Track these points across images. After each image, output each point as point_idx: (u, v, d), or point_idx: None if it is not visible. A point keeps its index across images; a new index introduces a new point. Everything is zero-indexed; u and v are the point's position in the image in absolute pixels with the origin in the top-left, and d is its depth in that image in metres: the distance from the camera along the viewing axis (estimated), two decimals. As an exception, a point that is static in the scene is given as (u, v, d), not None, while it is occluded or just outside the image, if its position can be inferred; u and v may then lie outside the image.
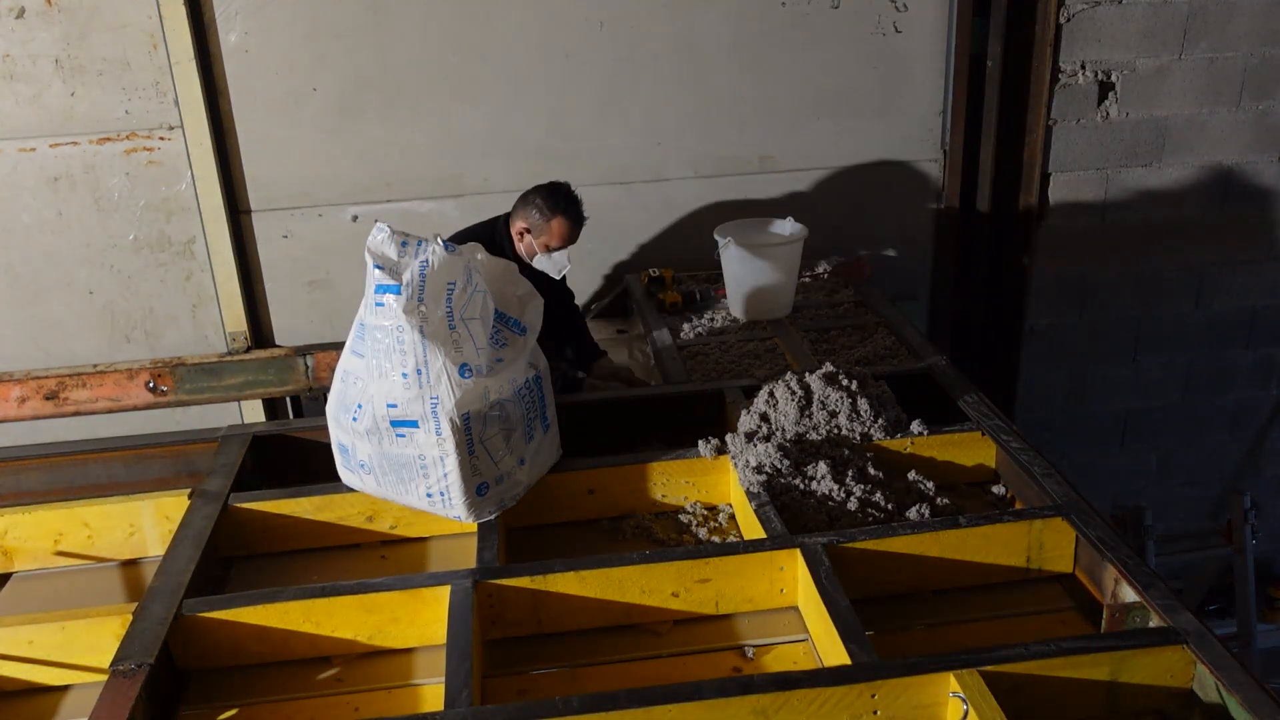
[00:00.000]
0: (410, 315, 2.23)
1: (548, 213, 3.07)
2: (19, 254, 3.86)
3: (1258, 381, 4.68)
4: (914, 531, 2.26)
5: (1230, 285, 4.46)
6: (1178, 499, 4.86)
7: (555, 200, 3.07)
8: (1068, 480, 2.43)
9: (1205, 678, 1.89)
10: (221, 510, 2.49)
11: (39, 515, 2.55)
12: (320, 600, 2.15)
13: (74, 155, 3.76)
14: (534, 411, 2.47)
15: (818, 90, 4.02)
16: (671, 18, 3.86)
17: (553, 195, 3.08)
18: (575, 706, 1.82)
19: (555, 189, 3.10)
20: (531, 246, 3.11)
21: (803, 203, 4.08)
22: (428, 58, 3.81)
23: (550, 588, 2.19)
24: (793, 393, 2.71)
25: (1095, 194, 4.23)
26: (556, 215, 3.06)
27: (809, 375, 2.75)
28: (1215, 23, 4.01)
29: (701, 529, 2.55)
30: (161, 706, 2.03)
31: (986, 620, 2.24)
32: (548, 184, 3.13)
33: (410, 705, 2.08)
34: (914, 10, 3.95)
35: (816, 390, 2.71)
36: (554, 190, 3.10)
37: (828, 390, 2.71)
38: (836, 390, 2.71)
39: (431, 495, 2.38)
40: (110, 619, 2.13)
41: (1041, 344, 4.46)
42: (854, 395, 2.70)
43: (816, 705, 1.83)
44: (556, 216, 3.06)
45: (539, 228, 3.08)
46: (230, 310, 3.99)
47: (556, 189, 3.10)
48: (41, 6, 3.57)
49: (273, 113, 3.80)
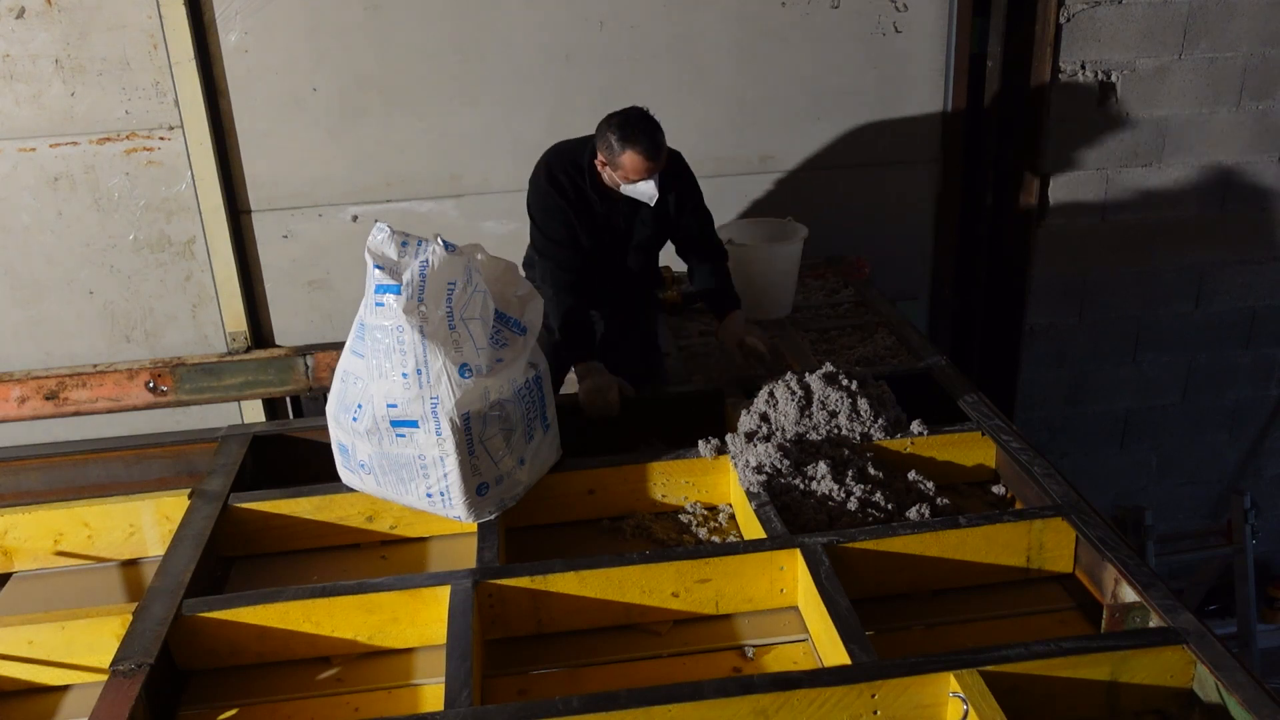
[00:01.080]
0: (410, 315, 2.23)
1: (617, 147, 2.81)
2: (19, 254, 3.86)
3: (1258, 381, 4.68)
4: (914, 531, 2.26)
5: (1230, 285, 4.46)
6: (1178, 499, 4.86)
7: (625, 132, 2.80)
8: (1068, 480, 2.43)
9: (1205, 678, 1.89)
10: (221, 510, 2.49)
11: (39, 515, 2.55)
12: (320, 600, 2.15)
13: (74, 155, 3.76)
14: (534, 411, 2.47)
15: (818, 90, 4.02)
16: (671, 18, 3.86)
17: (624, 126, 2.81)
18: (575, 706, 1.82)
19: (626, 119, 2.83)
20: (613, 177, 2.90)
21: (803, 203, 4.07)
22: (428, 58, 3.80)
23: (550, 588, 2.19)
24: (793, 393, 2.71)
25: (1095, 194, 4.23)
26: (627, 149, 2.80)
27: (809, 375, 2.75)
28: (1215, 23, 4.01)
29: (701, 529, 2.55)
30: (161, 706, 2.03)
31: (986, 620, 2.24)
32: (621, 112, 2.86)
33: (410, 705, 2.08)
34: (914, 10, 3.95)
35: (816, 390, 2.71)
36: (625, 120, 2.82)
37: (828, 390, 2.71)
38: (836, 390, 2.71)
39: (431, 495, 2.38)
40: (110, 619, 2.13)
41: (1041, 344, 4.46)
42: (854, 395, 2.70)
43: (816, 705, 1.83)
44: (627, 151, 2.80)
45: (613, 162, 2.85)
46: (230, 310, 3.99)
47: (628, 119, 2.82)
48: (41, 6, 3.57)
49: (273, 113, 3.80)
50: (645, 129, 2.82)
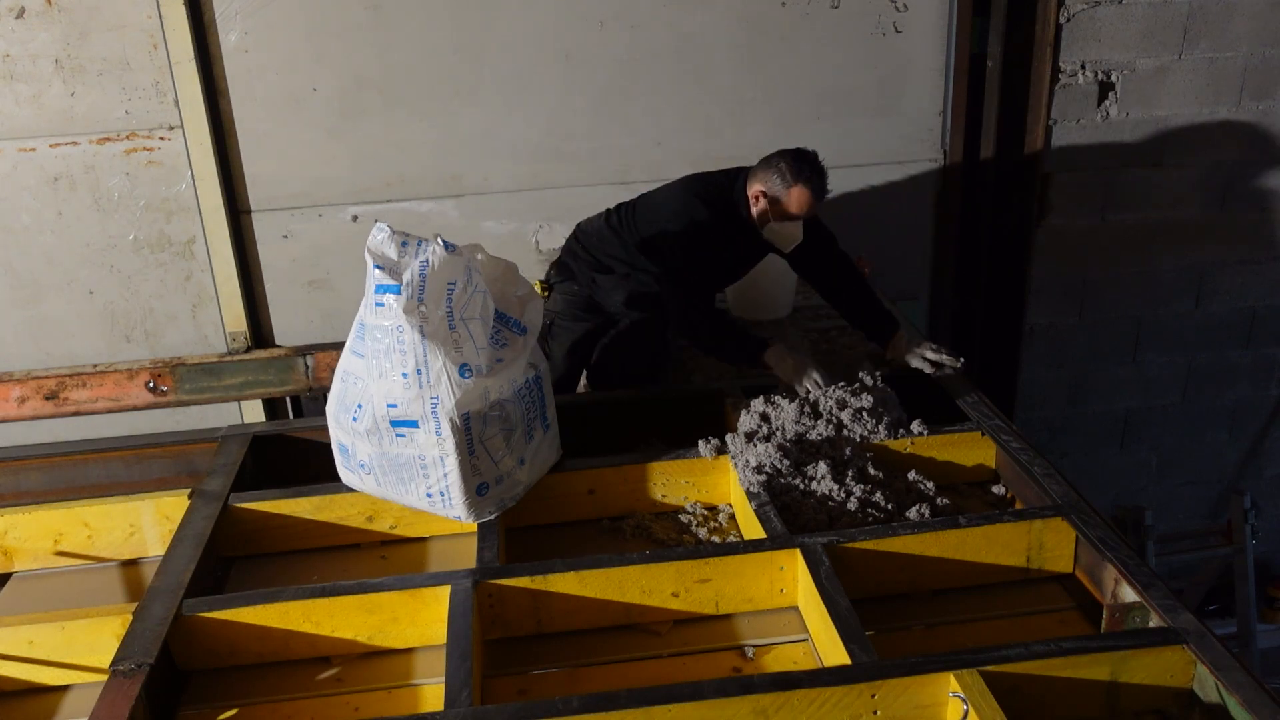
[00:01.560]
0: (410, 315, 2.23)
1: (790, 178, 2.85)
2: (19, 254, 3.86)
3: (1258, 381, 4.68)
4: (914, 531, 2.26)
5: (1230, 285, 4.47)
6: (1178, 499, 4.86)
7: (800, 167, 2.85)
8: (1068, 480, 2.43)
9: (1205, 678, 1.89)
10: (221, 510, 2.49)
11: (39, 515, 2.55)
12: (320, 600, 2.15)
13: (74, 155, 3.76)
14: (534, 411, 2.47)
15: (818, 90, 4.02)
16: (671, 18, 3.86)
17: (798, 161, 2.86)
18: (575, 706, 1.82)
19: (802, 156, 2.88)
20: (766, 212, 2.93)
21: (803, 203, 4.07)
22: (428, 58, 3.80)
23: (550, 588, 2.19)
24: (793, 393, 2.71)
25: (1095, 194, 4.23)
26: (798, 183, 2.84)
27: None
28: (1215, 23, 4.02)
29: (701, 529, 2.55)
30: (161, 706, 2.03)
31: (986, 620, 2.24)
32: (795, 149, 2.91)
33: (410, 705, 2.08)
34: (914, 10, 3.95)
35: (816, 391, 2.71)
36: (800, 156, 2.88)
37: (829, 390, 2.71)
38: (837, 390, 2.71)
39: (431, 495, 2.38)
40: (110, 619, 2.13)
41: (1041, 344, 4.46)
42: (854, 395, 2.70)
43: (816, 705, 1.83)
44: (798, 185, 2.84)
45: (778, 193, 2.88)
46: (230, 310, 3.99)
47: (803, 156, 2.88)
48: (41, 6, 3.57)
49: (273, 113, 3.80)
50: (820, 170, 2.87)
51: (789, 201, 2.87)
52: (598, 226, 3.19)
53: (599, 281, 3.15)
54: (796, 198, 2.86)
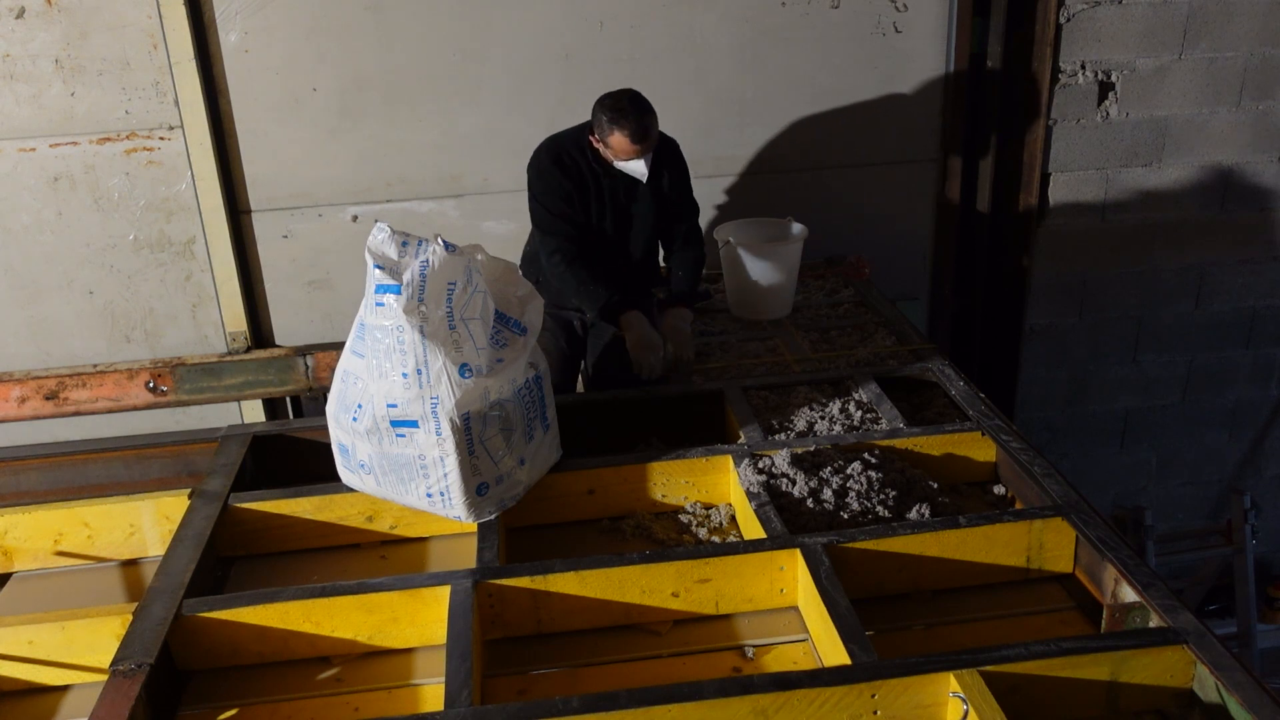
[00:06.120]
0: (410, 315, 2.23)
1: (607, 127, 2.96)
2: (19, 254, 3.86)
3: (1258, 381, 4.68)
4: (914, 531, 2.26)
5: (1230, 285, 4.47)
6: (1178, 499, 4.86)
7: (615, 114, 2.94)
8: (1068, 480, 2.43)
9: (1205, 678, 1.89)
10: (221, 510, 2.49)
11: (39, 515, 2.55)
12: (320, 600, 2.15)
13: (74, 155, 3.76)
14: (534, 411, 2.47)
15: (818, 90, 4.02)
16: (671, 18, 3.86)
17: (615, 108, 2.95)
18: (575, 706, 1.82)
19: (618, 101, 2.96)
20: (604, 155, 3.04)
21: (803, 203, 4.07)
22: (428, 58, 3.80)
23: (550, 588, 2.19)
24: (793, 393, 2.71)
25: (1095, 194, 4.23)
26: (615, 130, 2.94)
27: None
28: (1215, 23, 4.02)
29: (701, 529, 2.55)
30: (161, 706, 2.03)
31: (986, 620, 2.24)
32: (614, 93, 2.99)
33: (410, 705, 2.08)
34: (914, 10, 3.95)
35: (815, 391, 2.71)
36: (616, 102, 2.96)
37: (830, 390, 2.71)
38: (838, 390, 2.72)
39: (431, 495, 2.38)
40: (110, 619, 2.13)
41: (1041, 344, 4.46)
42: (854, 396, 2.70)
43: (816, 705, 1.83)
44: (615, 132, 2.94)
45: (603, 140, 2.99)
46: (230, 310, 3.99)
47: (618, 101, 2.96)
48: (41, 6, 3.57)
49: (273, 113, 3.80)
50: (634, 112, 2.95)
51: (613, 147, 2.99)
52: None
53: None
54: (617, 144, 2.97)
